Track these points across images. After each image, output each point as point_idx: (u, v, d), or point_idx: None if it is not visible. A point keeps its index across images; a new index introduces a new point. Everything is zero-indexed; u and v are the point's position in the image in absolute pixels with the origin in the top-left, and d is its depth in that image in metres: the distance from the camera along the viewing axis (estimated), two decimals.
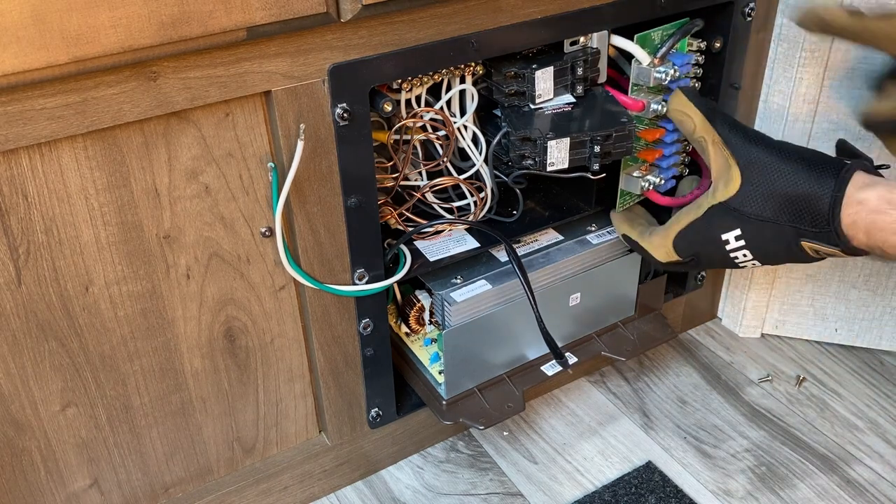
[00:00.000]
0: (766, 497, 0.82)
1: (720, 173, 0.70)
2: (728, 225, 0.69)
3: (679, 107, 0.73)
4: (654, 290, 0.91)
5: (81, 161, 0.56)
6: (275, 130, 0.62)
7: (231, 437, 0.75)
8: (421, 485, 0.84)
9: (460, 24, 0.64)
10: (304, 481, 0.81)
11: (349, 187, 0.66)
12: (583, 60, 0.72)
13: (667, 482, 0.83)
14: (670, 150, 0.78)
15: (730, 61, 0.81)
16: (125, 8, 0.50)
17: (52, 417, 0.64)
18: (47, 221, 0.57)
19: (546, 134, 0.70)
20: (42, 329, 0.60)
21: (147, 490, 0.73)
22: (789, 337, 1.02)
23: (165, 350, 0.67)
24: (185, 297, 0.65)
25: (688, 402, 0.93)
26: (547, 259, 0.81)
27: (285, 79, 0.59)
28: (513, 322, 0.79)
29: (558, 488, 0.83)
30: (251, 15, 0.54)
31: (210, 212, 0.63)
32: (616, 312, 0.88)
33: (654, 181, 0.78)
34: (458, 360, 0.78)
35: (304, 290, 0.70)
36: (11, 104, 0.51)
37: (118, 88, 0.54)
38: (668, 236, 0.74)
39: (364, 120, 0.64)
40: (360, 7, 0.58)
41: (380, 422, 0.81)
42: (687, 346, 1.02)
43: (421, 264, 0.75)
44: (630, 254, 0.83)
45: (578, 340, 0.86)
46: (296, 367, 0.74)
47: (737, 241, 0.69)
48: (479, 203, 0.78)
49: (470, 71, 0.72)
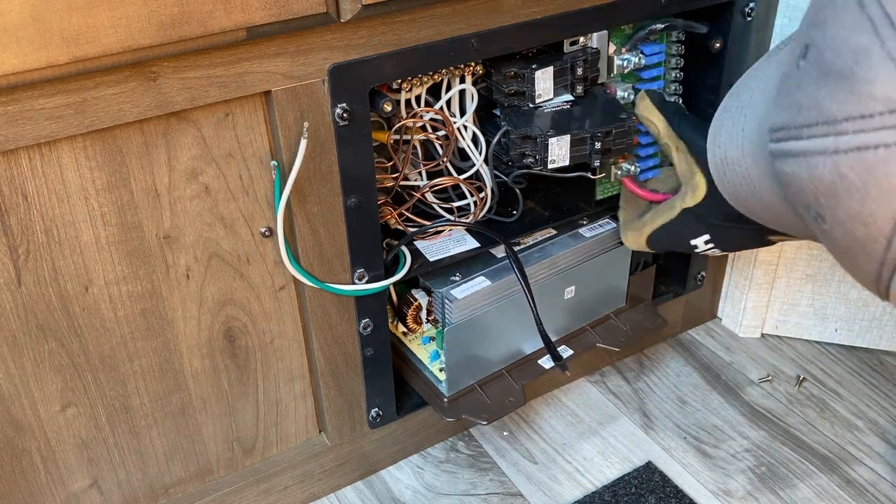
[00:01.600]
0: (766, 497, 0.82)
1: (685, 179, 0.71)
2: (697, 230, 0.71)
3: (644, 112, 0.74)
4: (644, 280, 0.92)
5: (81, 161, 0.56)
6: (275, 130, 0.62)
7: (231, 437, 0.75)
8: (421, 485, 0.84)
9: (460, 24, 0.64)
10: (304, 481, 0.81)
11: (349, 187, 0.66)
12: (582, 60, 0.72)
13: (667, 482, 0.83)
14: (647, 138, 0.78)
15: (730, 61, 0.81)
16: (125, 8, 0.50)
17: (52, 417, 0.64)
18: (47, 221, 0.57)
19: (546, 131, 0.70)
20: (42, 329, 0.60)
21: (147, 490, 0.73)
22: (789, 337, 1.02)
23: (165, 350, 0.67)
24: (185, 298, 0.65)
25: (688, 402, 0.93)
26: (543, 254, 0.81)
27: (285, 79, 0.59)
28: (511, 317, 0.80)
29: (558, 488, 0.83)
30: (251, 15, 0.54)
31: (210, 212, 0.63)
32: (608, 304, 0.89)
33: (628, 168, 0.79)
34: (459, 357, 0.78)
35: (304, 291, 0.70)
36: (11, 104, 0.51)
37: (118, 88, 0.54)
38: (643, 234, 0.77)
39: (364, 120, 0.64)
40: (360, 7, 0.58)
41: (380, 422, 0.81)
42: (687, 346, 1.02)
43: (421, 264, 0.75)
44: (620, 246, 0.84)
45: (573, 333, 0.87)
46: (296, 367, 0.74)
47: (706, 244, 0.72)
48: (479, 203, 0.78)
49: (470, 71, 0.71)
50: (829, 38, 0.39)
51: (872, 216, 0.38)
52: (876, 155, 0.37)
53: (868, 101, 0.37)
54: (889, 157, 0.36)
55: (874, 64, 0.36)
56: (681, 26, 0.77)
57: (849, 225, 0.40)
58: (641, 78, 0.78)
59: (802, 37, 0.43)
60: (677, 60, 0.79)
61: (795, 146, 0.41)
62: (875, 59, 0.36)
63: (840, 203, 0.39)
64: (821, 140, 0.39)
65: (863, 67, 0.37)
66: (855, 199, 0.38)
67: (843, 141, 0.38)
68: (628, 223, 0.80)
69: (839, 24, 0.38)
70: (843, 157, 0.38)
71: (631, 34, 0.76)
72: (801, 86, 0.41)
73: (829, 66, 0.39)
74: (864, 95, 0.37)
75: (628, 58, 0.76)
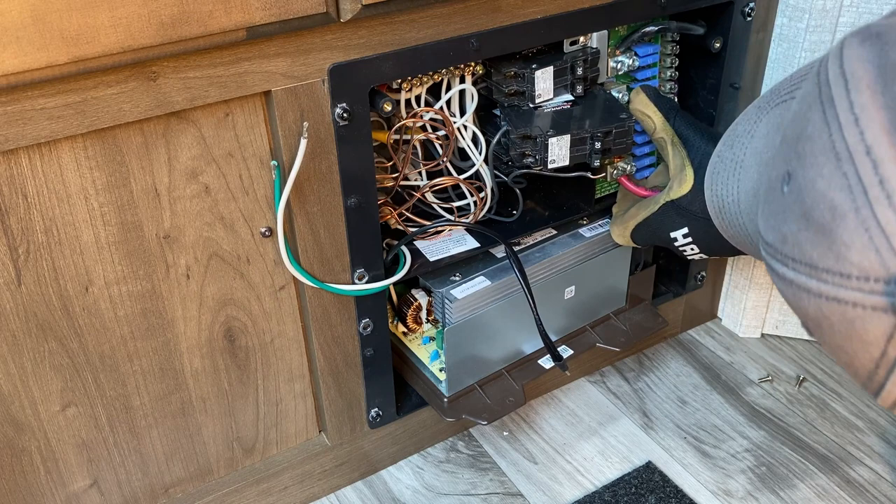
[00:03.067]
0: (766, 497, 0.82)
1: (676, 172, 0.72)
2: (677, 223, 0.72)
3: (640, 106, 0.74)
4: (644, 280, 0.92)
5: (81, 161, 0.56)
6: (275, 130, 0.62)
7: (231, 437, 0.75)
8: (421, 485, 0.84)
9: (460, 24, 0.64)
10: (304, 481, 0.81)
11: (349, 187, 0.66)
12: (582, 60, 0.72)
13: (667, 482, 0.83)
14: (642, 138, 0.79)
15: (730, 61, 0.81)
16: (125, 8, 0.50)
17: (52, 417, 0.64)
18: (47, 221, 0.57)
19: (547, 131, 0.70)
20: (42, 329, 0.60)
21: (147, 490, 0.73)
22: (789, 337, 1.02)
23: (165, 350, 0.67)
24: (185, 297, 0.65)
25: (688, 402, 0.93)
26: (543, 253, 0.81)
27: (285, 79, 0.59)
28: (511, 317, 0.80)
29: (558, 488, 0.83)
30: (251, 15, 0.54)
31: (210, 212, 0.63)
32: (608, 304, 0.89)
33: (624, 167, 0.79)
34: (459, 357, 0.78)
35: (304, 291, 0.70)
36: (11, 104, 0.51)
37: (118, 88, 0.54)
38: (627, 228, 0.79)
39: (364, 120, 0.64)
40: (360, 7, 0.58)
41: (380, 422, 0.81)
42: (687, 346, 1.02)
43: (421, 264, 0.75)
44: (620, 246, 0.84)
45: (573, 333, 0.87)
46: (296, 367, 0.74)
47: (684, 238, 0.73)
48: (479, 203, 0.78)
49: (470, 71, 0.72)
50: (809, 181, 0.39)
51: (854, 355, 0.39)
52: (854, 312, 0.38)
53: (845, 263, 0.37)
54: (865, 316, 0.37)
55: (850, 230, 0.37)
56: (675, 28, 0.77)
57: (834, 352, 0.41)
58: (636, 79, 0.79)
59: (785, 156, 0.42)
60: (672, 60, 0.79)
61: (782, 271, 0.42)
62: (850, 225, 0.36)
63: (824, 335, 0.41)
64: (805, 279, 0.40)
65: (839, 229, 0.37)
66: (837, 338, 0.40)
67: (825, 288, 0.39)
68: (616, 217, 0.82)
69: (816, 170, 0.38)
70: (824, 302, 0.39)
71: (625, 36, 0.76)
72: (787, 217, 0.41)
73: (810, 213, 0.39)
74: (841, 257, 0.37)
75: (622, 59, 0.76)
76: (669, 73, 0.80)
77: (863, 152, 0.36)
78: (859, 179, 0.36)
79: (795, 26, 0.81)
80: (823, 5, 0.79)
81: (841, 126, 0.37)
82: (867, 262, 0.36)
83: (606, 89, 0.78)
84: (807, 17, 0.80)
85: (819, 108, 0.39)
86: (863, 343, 0.38)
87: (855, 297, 0.37)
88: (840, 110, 0.37)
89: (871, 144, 0.36)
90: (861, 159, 0.36)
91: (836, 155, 0.37)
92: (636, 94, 0.75)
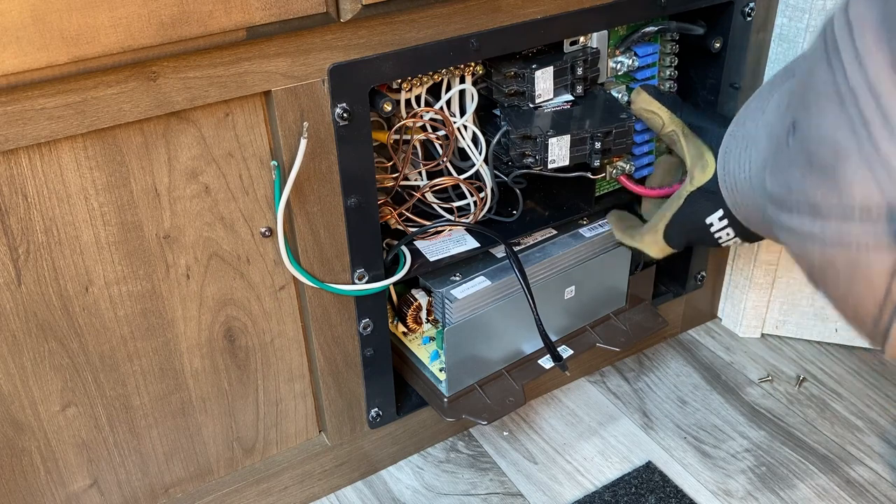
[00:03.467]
0: (766, 497, 0.82)
1: (695, 161, 0.71)
2: (710, 208, 0.70)
3: (644, 105, 0.74)
4: (644, 280, 0.92)
5: (81, 161, 0.56)
6: (275, 130, 0.62)
7: (231, 437, 0.75)
8: (421, 485, 0.84)
9: (460, 24, 0.64)
10: (304, 481, 0.81)
11: (349, 187, 0.66)
12: (582, 60, 0.72)
13: (667, 482, 0.83)
14: (641, 137, 0.79)
15: (730, 61, 0.82)
16: (125, 8, 0.50)
17: (52, 417, 0.64)
18: (47, 221, 0.57)
19: (547, 131, 0.70)
20: (42, 329, 0.60)
21: (147, 490, 0.73)
22: (789, 337, 1.02)
23: (165, 350, 0.67)
24: (185, 297, 0.65)
25: (688, 402, 0.93)
26: (543, 253, 0.81)
27: (285, 79, 0.59)
28: (511, 317, 0.80)
29: (558, 488, 0.83)
30: (251, 15, 0.54)
31: (210, 212, 0.63)
32: (608, 304, 0.89)
33: (623, 167, 0.79)
34: (459, 357, 0.78)
35: (304, 291, 0.70)
36: (11, 104, 0.51)
37: (118, 88, 0.54)
38: (658, 232, 0.76)
39: (364, 120, 0.64)
40: (360, 7, 0.58)
41: (380, 422, 0.81)
42: (687, 346, 1.02)
43: (421, 264, 0.75)
44: (620, 246, 0.84)
45: (573, 333, 0.87)
46: (296, 367, 0.74)
47: (720, 221, 0.70)
48: (479, 203, 0.78)
49: (470, 71, 0.71)
50: (813, 127, 0.40)
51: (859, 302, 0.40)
52: (858, 254, 0.38)
53: (847, 198, 0.38)
54: (868, 256, 0.38)
55: (852, 166, 0.37)
56: (674, 28, 0.77)
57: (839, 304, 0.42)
58: (636, 79, 0.79)
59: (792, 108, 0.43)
60: (672, 60, 0.79)
61: (788, 221, 0.43)
62: (853, 161, 0.37)
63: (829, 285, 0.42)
64: (809, 223, 0.41)
65: (843, 167, 0.38)
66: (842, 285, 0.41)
67: (829, 230, 0.40)
68: (636, 236, 0.79)
69: (821, 115, 0.39)
70: (829, 248, 0.40)
71: (625, 36, 0.76)
72: (791, 166, 0.43)
73: (814, 157, 0.40)
74: (844, 194, 0.38)
75: (622, 60, 0.76)
76: (669, 72, 0.80)
77: (866, 89, 0.37)
78: (862, 117, 0.37)
79: (795, 26, 0.81)
80: (823, 5, 0.79)
81: (845, 69, 0.38)
82: (870, 194, 0.37)
83: (606, 89, 0.78)
84: (807, 17, 0.80)
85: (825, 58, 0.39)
86: (867, 284, 0.39)
87: (858, 235, 0.38)
88: (844, 54, 0.38)
89: (874, 81, 0.36)
90: (864, 96, 0.37)
91: (840, 97, 0.38)
92: (637, 94, 0.75)
